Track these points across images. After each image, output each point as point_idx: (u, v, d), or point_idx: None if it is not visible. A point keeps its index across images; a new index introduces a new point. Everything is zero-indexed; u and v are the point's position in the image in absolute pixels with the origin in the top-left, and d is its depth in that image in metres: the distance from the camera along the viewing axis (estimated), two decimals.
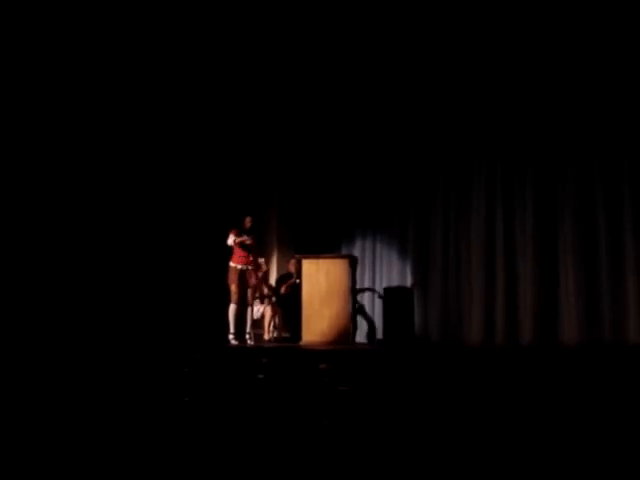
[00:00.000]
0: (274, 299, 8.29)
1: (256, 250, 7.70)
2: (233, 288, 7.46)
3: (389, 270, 8.41)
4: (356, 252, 8.57)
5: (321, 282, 7.54)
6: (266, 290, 8.34)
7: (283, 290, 8.20)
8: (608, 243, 6.80)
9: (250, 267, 7.56)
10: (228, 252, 7.62)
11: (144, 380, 4.70)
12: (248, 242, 7.45)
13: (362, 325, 8.48)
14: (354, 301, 7.99)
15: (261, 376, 4.63)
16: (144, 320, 7.71)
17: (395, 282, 8.29)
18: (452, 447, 3.23)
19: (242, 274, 7.47)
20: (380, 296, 8.34)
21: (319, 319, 7.46)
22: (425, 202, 8.13)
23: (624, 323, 6.58)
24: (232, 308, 7.43)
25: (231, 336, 7.38)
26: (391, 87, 8.25)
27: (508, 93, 7.55)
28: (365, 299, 8.60)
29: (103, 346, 6.69)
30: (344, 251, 8.58)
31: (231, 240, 7.44)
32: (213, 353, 6.29)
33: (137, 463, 3.12)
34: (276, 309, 8.26)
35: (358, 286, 8.39)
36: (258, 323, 8.12)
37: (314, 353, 6.11)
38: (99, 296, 7.73)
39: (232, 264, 7.48)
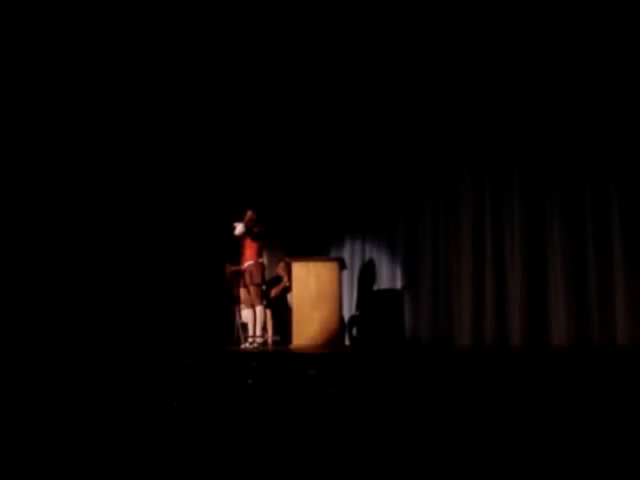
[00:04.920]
0: (264, 302, 8.27)
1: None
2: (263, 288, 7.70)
3: (379, 273, 8.41)
4: (345, 255, 8.58)
5: (311, 285, 7.54)
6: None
7: (273, 294, 8.18)
8: (596, 245, 6.81)
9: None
10: (223, 253, 7.68)
11: (133, 384, 4.68)
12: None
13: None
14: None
15: (250, 381, 4.62)
16: (136, 322, 7.71)
17: (385, 285, 8.30)
18: (443, 449, 3.23)
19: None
20: (370, 299, 8.35)
21: (309, 322, 7.46)
22: (414, 205, 8.14)
23: (613, 325, 6.60)
24: (263, 309, 7.64)
25: (259, 339, 7.56)
26: (380, 94, 8.27)
27: (495, 99, 7.57)
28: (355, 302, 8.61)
29: (97, 347, 6.69)
30: (333, 254, 8.58)
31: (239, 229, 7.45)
32: (203, 357, 6.28)
33: (124, 467, 3.10)
34: (266, 312, 8.24)
35: (347, 289, 8.39)
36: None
37: (303, 357, 6.10)
38: (94, 298, 7.74)
39: (260, 260, 7.59)
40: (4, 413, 3.92)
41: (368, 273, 8.52)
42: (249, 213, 7.61)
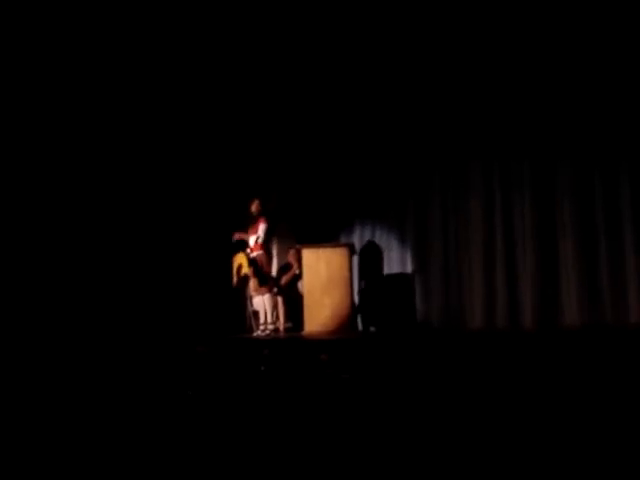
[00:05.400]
0: (275, 290, 8.29)
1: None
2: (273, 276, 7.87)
3: (388, 257, 8.41)
4: (355, 240, 8.57)
5: (321, 271, 7.54)
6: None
7: (283, 281, 8.20)
8: (606, 225, 6.81)
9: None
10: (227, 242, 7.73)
11: (146, 374, 4.71)
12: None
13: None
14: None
15: (263, 368, 4.64)
16: (149, 312, 7.76)
17: (395, 269, 8.30)
18: (456, 432, 3.23)
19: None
20: (380, 284, 8.35)
21: (320, 308, 7.47)
22: (423, 190, 8.13)
23: (625, 305, 6.59)
24: (271, 297, 7.70)
25: (270, 326, 7.58)
26: (392, 82, 8.23)
27: (505, 84, 7.54)
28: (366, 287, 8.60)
29: (110, 336, 6.73)
30: (343, 240, 8.58)
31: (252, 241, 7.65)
32: (216, 345, 6.30)
33: (139, 457, 3.13)
34: (277, 300, 8.25)
35: (357, 274, 8.39)
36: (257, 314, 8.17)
37: (315, 343, 6.11)
38: (106, 288, 7.79)
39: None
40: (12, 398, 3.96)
41: (378, 258, 8.51)
42: (255, 202, 7.66)
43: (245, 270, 7.67)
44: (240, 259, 7.75)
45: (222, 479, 2.87)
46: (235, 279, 7.78)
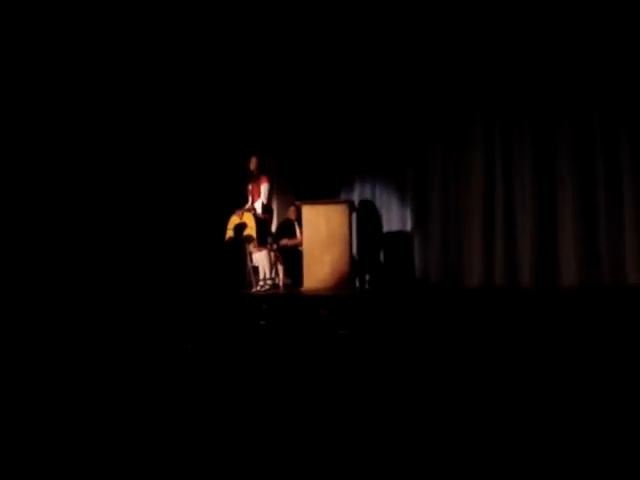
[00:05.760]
0: (275, 246, 8.29)
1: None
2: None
3: (388, 215, 8.41)
4: (355, 198, 8.55)
5: (321, 228, 7.55)
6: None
7: (283, 244, 8.17)
8: (606, 183, 6.81)
9: None
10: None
11: (149, 329, 4.75)
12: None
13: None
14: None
15: (262, 323, 4.68)
16: (152, 268, 7.80)
17: (395, 227, 8.31)
18: (452, 389, 3.27)
19: None
20: (380, 241, 8.37)
21: (320, 265, 7.50)
22: (424, 147, 8.07)
23: (622, 265, 6.62)
24: (268, 252, 7.65)
25: (269, 281, 7.59)
26: (391, 36, 8.10)
27: (505, 40, 7.42)
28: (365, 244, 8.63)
29: (112, 293, 6.78)
30: (343, 197, 8.56)
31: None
32: (217, 301, 6.35)
33: (137, 409, 3.16)
34: (277, 256, 8.27)
35: (357, 231, 8.38)
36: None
37: (314, 299, 6.16)
38: (110, 245, 7.82)
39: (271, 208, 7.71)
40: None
41: (378, 216, 8.51)
42: (254, 160, 7.60)
43: (251, 231, 7.60)
44: (246, 218, 7.63)
45: (221, 433, 2.92)
46: (231, 234, 7.68)
